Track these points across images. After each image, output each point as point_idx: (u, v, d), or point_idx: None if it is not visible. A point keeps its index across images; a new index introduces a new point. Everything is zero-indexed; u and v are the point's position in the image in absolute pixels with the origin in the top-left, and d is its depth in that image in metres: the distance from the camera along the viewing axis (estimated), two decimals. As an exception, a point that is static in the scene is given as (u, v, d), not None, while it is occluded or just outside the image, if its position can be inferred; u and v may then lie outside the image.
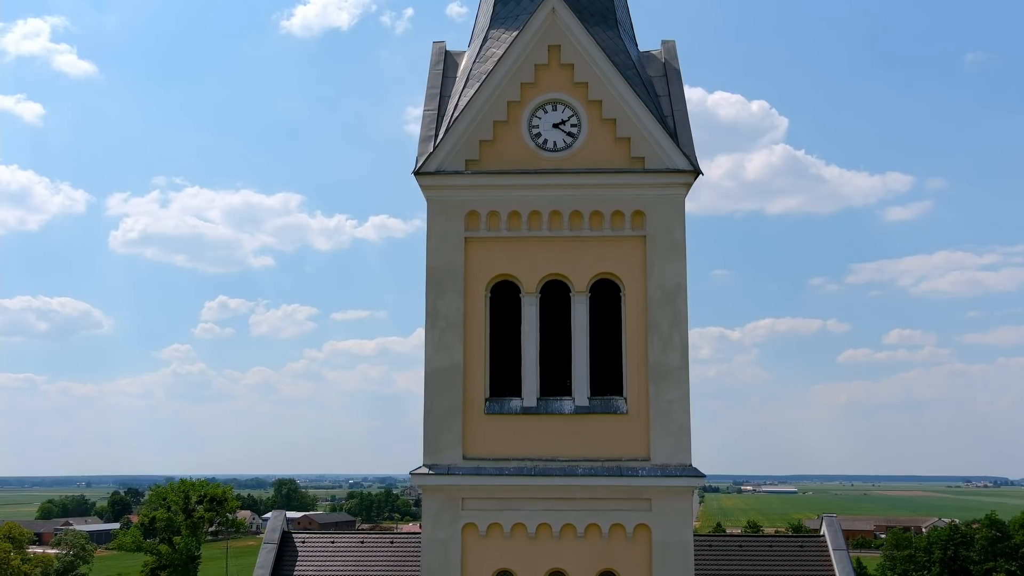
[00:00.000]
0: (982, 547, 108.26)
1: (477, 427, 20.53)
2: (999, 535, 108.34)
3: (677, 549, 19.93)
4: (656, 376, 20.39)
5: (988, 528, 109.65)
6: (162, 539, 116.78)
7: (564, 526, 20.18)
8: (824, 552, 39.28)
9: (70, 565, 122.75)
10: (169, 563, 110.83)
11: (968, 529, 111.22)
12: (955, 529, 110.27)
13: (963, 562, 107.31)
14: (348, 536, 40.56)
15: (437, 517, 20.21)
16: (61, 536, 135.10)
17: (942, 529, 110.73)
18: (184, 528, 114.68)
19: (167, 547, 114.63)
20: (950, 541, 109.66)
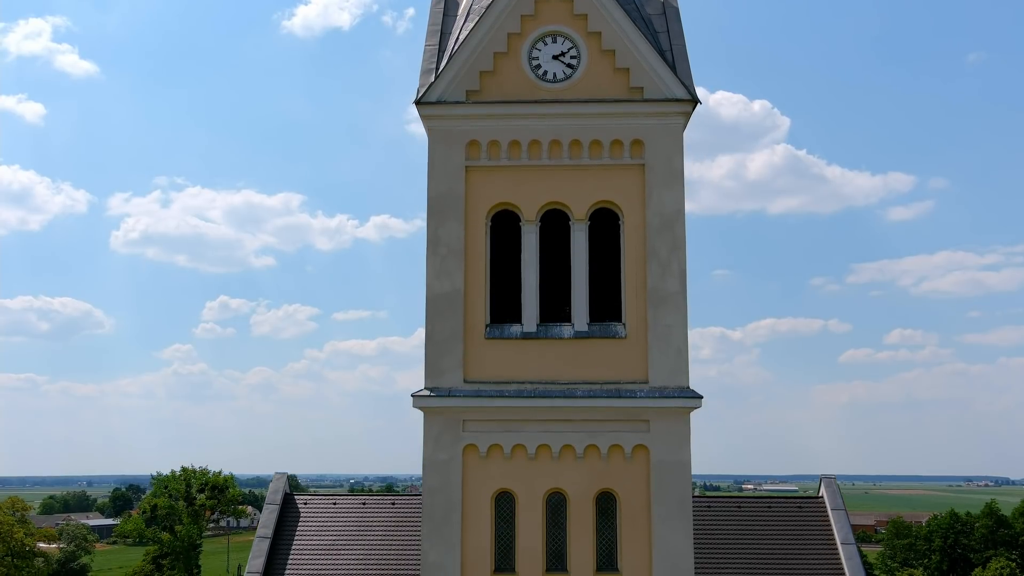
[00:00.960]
0: (982, 536, 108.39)
1: (478, 351, 20.82)
2: (999, 524, 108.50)
3: (675, 469, 20.21)
4: (655, 301, 20.68)
5: (987, 517, 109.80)
6: (164, 527, 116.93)
7: (563, 447, 20.47)
8: (823, 513, 39.56)
9: (71, 555, 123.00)
10: (171, 551, 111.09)
11: (968, 518, 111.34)
12: (955, 518, 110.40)
13: (963, 551, 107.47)
14: (350, 498, 40.89)
15: (438, 439, 20.50)
16: (63, 527, 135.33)
17: (942, 518, 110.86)
18: (185, 516, 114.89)
19: (169, 535, 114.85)
20: (950, 530, 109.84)
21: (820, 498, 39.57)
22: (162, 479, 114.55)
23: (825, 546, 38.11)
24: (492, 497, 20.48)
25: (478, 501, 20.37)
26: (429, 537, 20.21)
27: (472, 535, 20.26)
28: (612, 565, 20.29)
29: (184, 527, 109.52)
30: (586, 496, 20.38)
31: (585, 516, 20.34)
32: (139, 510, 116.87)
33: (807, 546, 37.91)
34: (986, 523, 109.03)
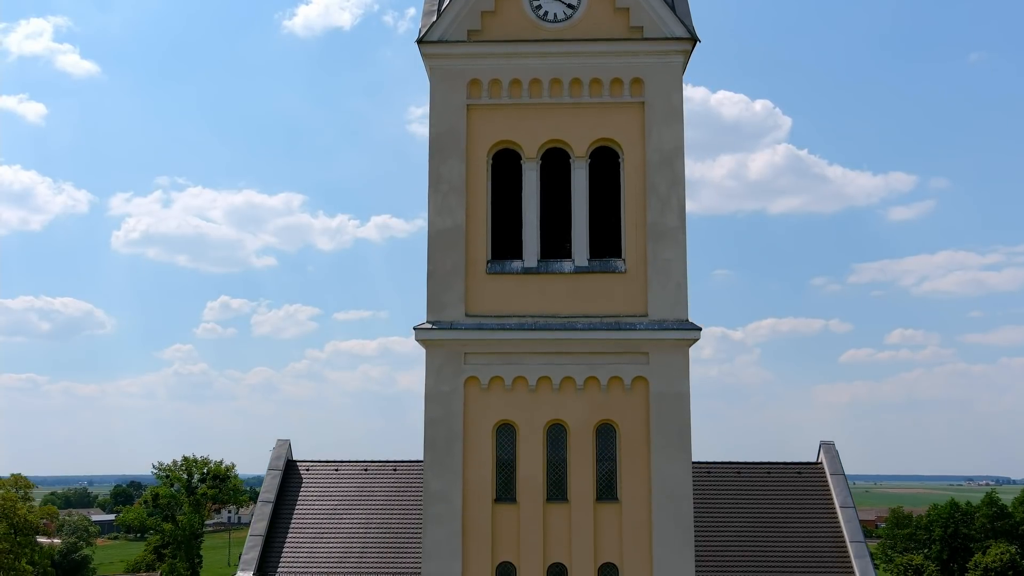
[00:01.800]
0: (982, 525, 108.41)
1: (479, 286, 21.08)
2: (999, 513, 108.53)
3: (674, 400, 20.45)
4: (654, 236, 20.93)
5: (988, 507, 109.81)
6: (165, 517, 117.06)
7: (564, 379, 20.72)
8: (822, 478, 39.77)
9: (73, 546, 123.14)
10: (172, 540, 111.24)
11: (968, 508, 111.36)
12: (955, 508, 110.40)
13: (963, 540, 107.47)
14: (352, 464, 41.09)
15: (440, 371, 20.75)
16: (64, 519, 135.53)
17: (942, 507, 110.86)
18: (187, 505, 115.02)
19: (170, 524, 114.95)
20: (950, 520, 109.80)
21: (819, 464, 39.82)
22: (164, 468, 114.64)
23: (824, 510, 38.37)
24: (493, 428, 20.74)
25: (479, 432, 20.63)
26: (431, 467, 20.45)
27: (473, 465, 20.50)
28: (612, 495, 20.54)
29: (186, 516, 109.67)
30: (586, 427, 20.63)
31: (585, 446, 20.59)
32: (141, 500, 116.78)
33: (806, 511, 38.17)
34: (987, 512, 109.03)
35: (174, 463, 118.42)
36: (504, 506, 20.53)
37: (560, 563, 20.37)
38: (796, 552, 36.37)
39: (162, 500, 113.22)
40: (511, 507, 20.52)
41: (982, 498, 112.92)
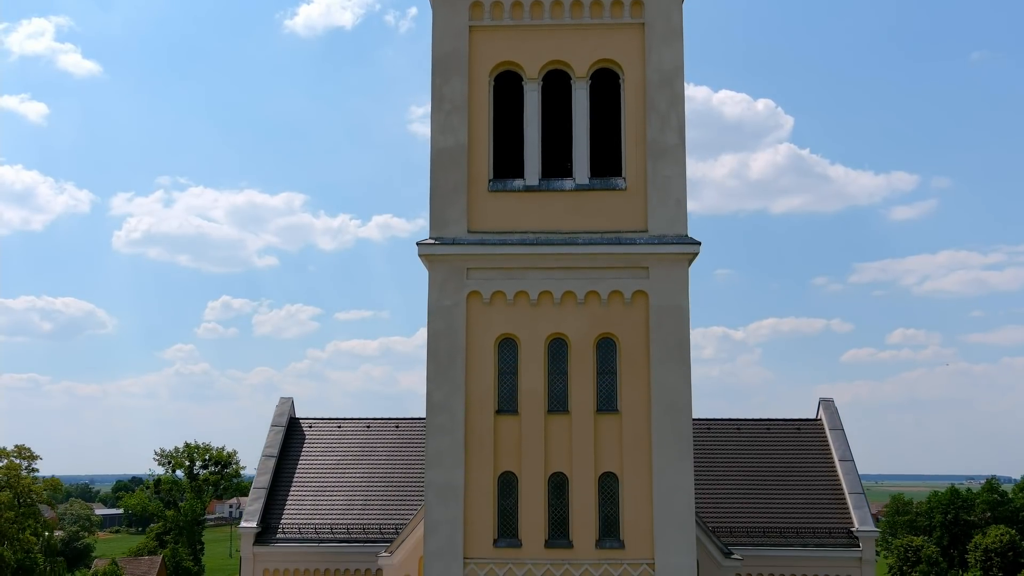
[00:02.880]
0: (982, 511, 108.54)
1: (481, 204, 21.37)
2: (999, 499, 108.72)
3: (673, 313, 20.72)
4: (654, 154, 21.21)
5: (988, 492, 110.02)
6: (167, 503, 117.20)
7: (565, 293, 21.00)
8: (821, 433, 40.05)
9: (74, 535, 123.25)
10: (174, 526, 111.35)
11: (969, 494, 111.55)
12: (955, 494, 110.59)
13: (963, 526, 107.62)
14: (354, 421, 41.38)
15: (443, 286, 21.03)
16: (66, 508, 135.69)
17: (942, 494, 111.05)
18: (189, 492, 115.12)
19: (173, 511, 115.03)
20: (951, 505, 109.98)
21: (819, 420, 40.09)
22: (166, 455, 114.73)
23: (823, 464, 38.66)
24: (495, 342, 21.02)
25: (482, 345, 20.90)
26: (434, 379, 20.72)
27: (476, 377, 20.78)
28: (612, 406, 20.82)
29: (187, 502, 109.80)
30: (586, 340, 20.91)
31: (585, 359, 20.87)
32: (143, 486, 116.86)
33: (806, 465, 38.46)
34: (987, 499, 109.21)
35: (176, 450, 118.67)
36: (506, 417, 20.81)
37: (561, 472, 20.65)
38: (796, 503, 36.68)
39: (164, 486, 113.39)
40: (513, 418, 20.80)
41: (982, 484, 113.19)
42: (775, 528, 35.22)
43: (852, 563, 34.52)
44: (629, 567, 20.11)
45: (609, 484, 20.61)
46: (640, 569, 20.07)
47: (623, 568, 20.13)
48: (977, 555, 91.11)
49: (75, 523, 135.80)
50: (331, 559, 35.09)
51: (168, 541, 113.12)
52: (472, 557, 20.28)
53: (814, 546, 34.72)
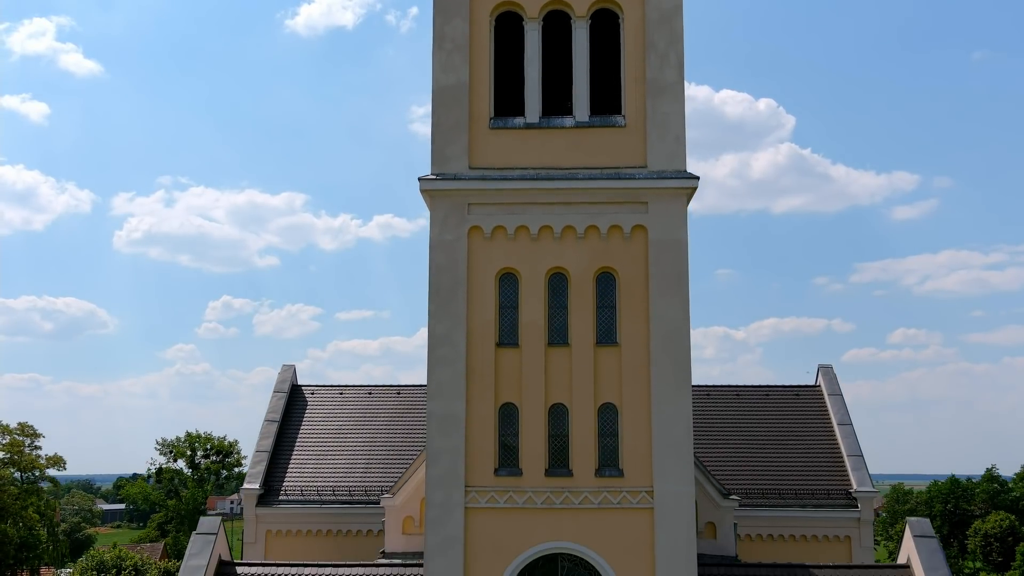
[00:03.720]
0: (983, 501, 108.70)
1: (483, 141, 21.64)
2: (999, 488, 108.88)
3: (672, 247, 20.99)
4: (653, 91, 21.48)
5: (988, 482, 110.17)
6: (169, 492, 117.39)
7: (565, 228, 21.27)
8: (820, 399, 40.28)
9: (76, 527, 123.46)
10: (176, 515, 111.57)
11: (969, 484, 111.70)
12: (955, 483, 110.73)
13: (963, 515, 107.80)
14: (356, 388, 41.63)
15: (444, 221, 21.29)
16: (68, 500, 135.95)
17: (943, 483, 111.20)
18: (191, 481, 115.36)
19: (175, 500, 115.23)
20: (951, 495, 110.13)
21: (817, 386, 40.34)
22: (167, 444, 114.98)
23: (822, 428, 38.90)
24: (496, 276, 21.29)
25: (483, 279, 21.17)
26: (436, 312, 20.97)
27: (477, 310, 21.05)
28: (611, 338, 21.08)
29: (189, 491, 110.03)
30: (586, 274, 21.17)
31: (585, 293, 21.13)
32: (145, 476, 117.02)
33: (805, 429, 38.71)
34: (987, 488, 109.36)
35: (177, 439, 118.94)
36: (507, 350, 21.08)
37: (561, 403, 20.92)
38: (795, 467, 36.92)
39: (165, 476, 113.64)
40: (513, 350, 21.06)
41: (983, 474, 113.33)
42: (774, 490, 35.47)
43: (850, 523, 34.78)
44: (628, 495, 20.37)
45: (608, 415, 20.88)
46: (639, 497, 20.33)
47: (622, 496, 20.39)
48: (977, 540, 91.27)
49: (77, 515, 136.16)
50: (333, 520, 35.34)
51: (170, 530, 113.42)
52: (473, 485, 20.55)
53: (812, 507, 35.01)
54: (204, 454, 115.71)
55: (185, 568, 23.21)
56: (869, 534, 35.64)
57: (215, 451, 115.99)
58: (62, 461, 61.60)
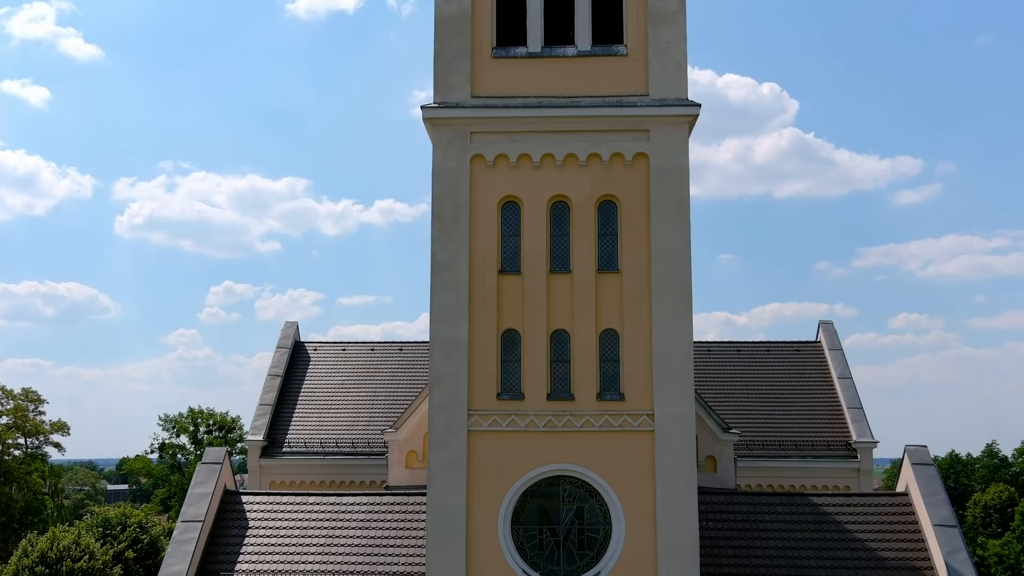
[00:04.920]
0: (982, 476, 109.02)
1: (485, 70, 21.72)
2: (998, 463, 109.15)
3: (674, 174, 21.10)
4: (655, 19, 21.54)
5: (989, 457, 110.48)
6: (172, 467, 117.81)
7: (567, 155, 21.38)
8: (820, 354, 40.50)
9: (80, 503, 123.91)
10: (179, 490, 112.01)
11: (969, 459, 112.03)
12: (955, 458, 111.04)
13: (963, 490, 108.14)
14: (358, 345, 41.81)
15: (447, 149, 21.41)
16: (72, 474, 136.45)
17: (942, 459, 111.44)
18: (194, 458, 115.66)
19: (178, 475, 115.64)
20: (950, 470, 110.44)
21: (818, 342, 40.54)
22: (170, 420, 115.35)
23: (822, 382, 39.13)
24: (498, 204, 21.41)
25: (485, 207, 21.30)
26: (439, 238, 21.11)
27: (480, 237, 21.18)
28: (612, 265, 21.21)
29: (192, 465, 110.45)
30: (588, 202, 21.30)
31: (587, 220, 21.26)
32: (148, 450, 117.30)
33: (805, 384, 38.95)
34: (987, 463, 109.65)
35: (180, 415, 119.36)
36: (509, 276, 21.23)
37: (563, 329, 21.08)
38: (796, 419, 37.19)
39: (168, 451, 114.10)
40: (515, 277, 21.21)
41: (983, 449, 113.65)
42: (775, 441, 35.74)
43: (850, 474, 35.05)
44: (629, 418, 20.56)
45: (610, 340, 21.03)
46: (640, 420, 20.51)
47: (623, 419, 20.58)
48: (976, 512, 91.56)
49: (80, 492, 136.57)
50: (336, 471, 35.63)
51: (173, 504, 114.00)
52: (476, 409, 20.73)
53: (812, 458, 35.27)
54: (207, 430, 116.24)
55: (191, 496, 23.44)
56: (868, 484, 35.89)
57: (218, 427, 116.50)
58: (66, 427, 61.99)
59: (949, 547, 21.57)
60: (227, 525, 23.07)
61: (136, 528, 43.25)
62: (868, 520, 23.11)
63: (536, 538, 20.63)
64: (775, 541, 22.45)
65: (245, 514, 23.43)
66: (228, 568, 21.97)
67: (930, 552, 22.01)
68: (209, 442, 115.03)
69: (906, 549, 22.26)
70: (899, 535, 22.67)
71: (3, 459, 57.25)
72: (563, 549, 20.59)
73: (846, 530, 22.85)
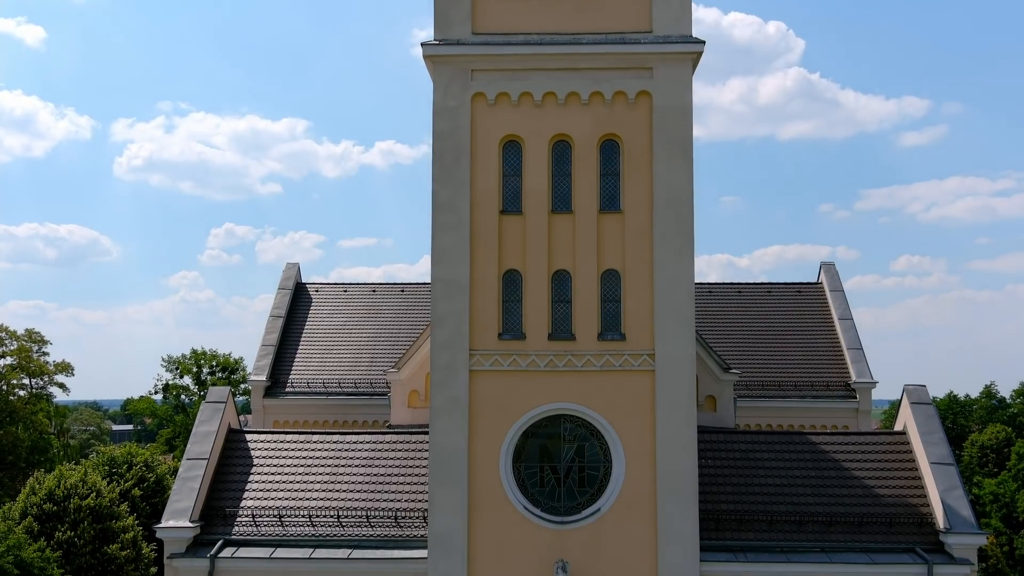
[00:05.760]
0: (980, 417, 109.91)
1: (485, 6, 21.42)
2: (996, 404, 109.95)
3: (677, 112, 20.90)
4: None
5: (987, 398, 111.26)
6: (176, 408, 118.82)
7: (569, 94, 21.17)
8: (821, 295, 40.53)
9: (86, 443, 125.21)
10: (183, 430, 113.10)
11: (967, 400, 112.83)
12: (953, 399, 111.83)
13: (960, 430, 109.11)
14: (360, 286, 41.86)
15: (447, 87, 21.18)
16: (78, 415, 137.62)
17: (940, 400, 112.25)
18: (198, 399, 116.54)
19: (182, 416, 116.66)
20: (948, 411, 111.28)
21: (819, 283, 40.57)
22: (173, 361, 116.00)
23: (823, 323, 39.24)
24: (500, 143, 21.26)
25: (486, 146, 21.15)
26: (440, 178, 20.99)
27: (481, 178, 21.07)
28: (614, 205, 21.13)
29: (195, 406, 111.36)
30: (590, 140, 21.14)
31: (589, 160, 21.12)
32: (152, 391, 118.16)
33: (806, 325, 39.04)
34: (985, 404, 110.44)
35: (183, 356, 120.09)
36: (510, 217, 21.16)
37: (564, 270, 21.07)
38: (796, 360, 37.38)
39: (171, 391, 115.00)
40: (517, 217, 21.14)
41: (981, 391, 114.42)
42: (774, 382, 35.97)
43: (849, 414, 35.34)
44: (630, 357, 20.65)
45: (611, 280, 21.05)
46: (640, 360, 20.62)
47: (624, 358, 20.67)
48: (973, 452, 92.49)
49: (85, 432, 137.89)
50: (339, 411, 35.91)
51: (177, 444, 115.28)
52: (477, 349, 20.82)
53: (811, 398, 35.53)
54: (210, 371, 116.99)
55: (195, 435, 23.66)
56: (867, 424, 36.18)
57: (221, 368, 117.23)
58: (70, 368, 62.21)
59: (945, 485, 21.81)
60: (232, 463, 23.32)
61: (142, 467, 43.69)
62: (866, 458, 23.33)
63: (537, 475, 20.87)
64: (773, 479, 22.69)
65: (249, 452, 23.66)
66: (234, 505, 22.27)
67: (926, 489, 22.26)
68: (212, 383, 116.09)
69: (903, 487, 22.51)
70: (896, 473, 22.90)
71: (8, 399, 57.52)
72: (564, 486, 20.85)
73: (844, 468, 23.09)
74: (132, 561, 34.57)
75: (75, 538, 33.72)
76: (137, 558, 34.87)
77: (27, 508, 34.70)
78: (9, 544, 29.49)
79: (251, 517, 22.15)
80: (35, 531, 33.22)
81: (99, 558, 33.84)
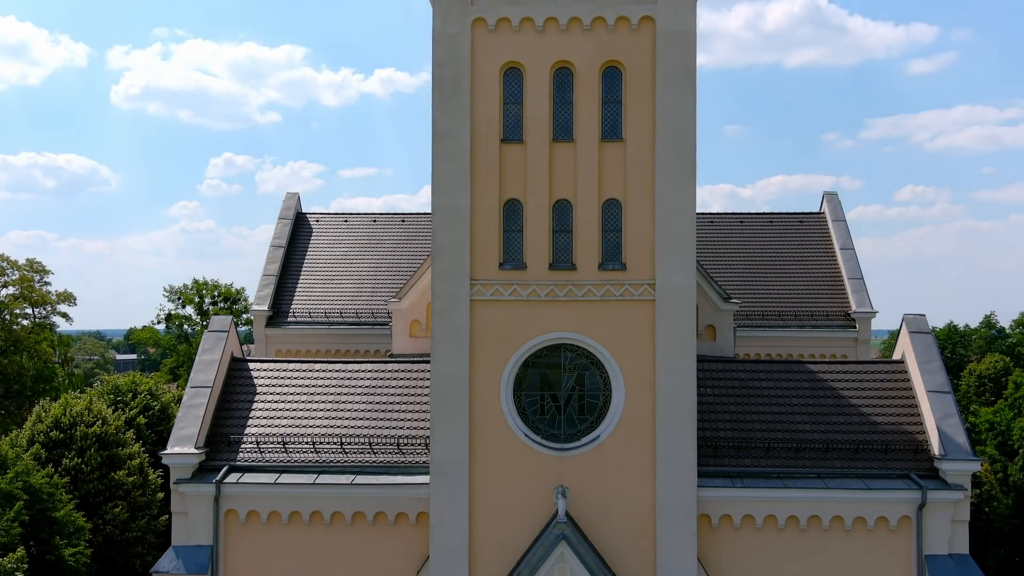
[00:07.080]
0: (979, 347, 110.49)
1: None
2: (996, 334, 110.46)
3: (681, 38, 20.57)
4: None
5: (986, 328, 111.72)
6: (179, 338, 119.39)
7: (571, 19, 20.82)
8: (823, 225, 40.45)
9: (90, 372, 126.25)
10: (187, 360, 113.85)
11: (966, 330, 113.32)
12: (953, 329, 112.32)
13: (960, 360, 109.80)
14: (360, 216, 41.71)
15: (447, 13, 20.82)
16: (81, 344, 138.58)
17: (940, 331, 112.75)
18: (200, 328, 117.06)
19: (185, 345, 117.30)
20: (948, 341, 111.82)
21: (822, 213, 40.45)
22: (175, 291, 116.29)
23: (825, 253, 39.24)
24: (500, 70, 20.97)
25: (487, 73, 20.87)
26: (440, 106, 20.76)
27: (481, 105, 20.84)
28: (616, 134, 20.94)
29: (198, 336, 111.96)
30: (592, 68, 20.85)
31: (591, 88, 20.86)
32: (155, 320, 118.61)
33: (808, 255, 39.05)
34: (984, 334, 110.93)
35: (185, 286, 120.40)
36: (511, 145, 20.99)
37: (565, 199, 20.97)
38: (797, 290, 37.47)
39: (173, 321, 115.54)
40: (518, 146, 20.97)
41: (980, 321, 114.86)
42: (774, 311, 36.08)
43: (848, 343, 35.50)
44: (631, 287, 20.68)
45: (612, 210, 20.96)
46: (641, 289, 20.64)
47: (624, 288, 20.71)
48: (971, 381, 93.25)
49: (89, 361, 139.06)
50: (340, 340, 36.14)
51: (181, 373, 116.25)
52: (478, 279, 20.84)
53: (811, 327, 35.67)
54: (212, 301, 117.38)
55: (199, 363, 23.83)
56: (867, 354, 36.40)
57: (223, 298, 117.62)
58: (72, 297, 62.30)
59: (941, 412, 22.01)
60: (235, 391, 23.53)
61: (147, 395, 44.15)
62: (864, 387, 23.51)
63: (537, 403, 21.08)
64: (771, 407, 22.91)
65: (253, 381, 23.85)
66: (238, 432, 22.53)
67: (923, 417, 22.48)
68: (215, 312, 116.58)
69: (900, 414, 22.73)
70: (894, 401, 23.11)
71: (12, 329, 57.87)
72: (564, 414, 21.06)
73: (842, 396, 23.28)
74: (139, 487, 35.18)
75: (82, 464, 34.23)
76: (144, 484, 35.47)
77: (34, 436, 35.16)
78: (17, 470, 29.97)
79: (255, 444, 22.44)
80: (43, 458, 33.72)
81: (106, 484, 34.42)
